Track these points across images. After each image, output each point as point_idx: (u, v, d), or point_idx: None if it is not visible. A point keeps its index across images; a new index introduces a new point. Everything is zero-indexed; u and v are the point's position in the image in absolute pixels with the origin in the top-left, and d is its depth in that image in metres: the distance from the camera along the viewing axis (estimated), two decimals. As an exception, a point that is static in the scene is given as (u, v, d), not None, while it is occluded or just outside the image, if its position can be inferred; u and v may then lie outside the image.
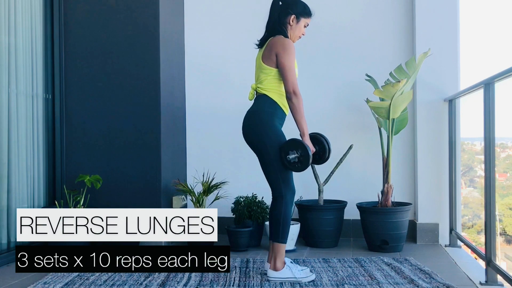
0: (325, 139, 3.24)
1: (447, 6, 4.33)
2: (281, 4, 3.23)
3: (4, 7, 3.73)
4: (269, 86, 3.14)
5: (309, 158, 3.03)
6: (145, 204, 4.11)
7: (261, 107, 3.14)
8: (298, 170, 3.08)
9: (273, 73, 3.13)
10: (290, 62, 3.08)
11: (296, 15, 3.22)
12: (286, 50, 3.09)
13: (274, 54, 3.11)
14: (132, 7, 4.17)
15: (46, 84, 4.18)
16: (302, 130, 3.12)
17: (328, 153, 3.22)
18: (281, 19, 3.21)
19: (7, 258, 3.62)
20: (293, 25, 3.23)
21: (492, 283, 3.05)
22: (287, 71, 3.07)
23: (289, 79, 3.07)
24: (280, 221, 3.10)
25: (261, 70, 3.17)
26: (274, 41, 3.15)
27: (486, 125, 3.10)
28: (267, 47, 3.17)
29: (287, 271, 3.10)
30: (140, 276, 3.22)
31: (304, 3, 3.27)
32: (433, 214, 4.31)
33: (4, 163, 3.71)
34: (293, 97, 3.08)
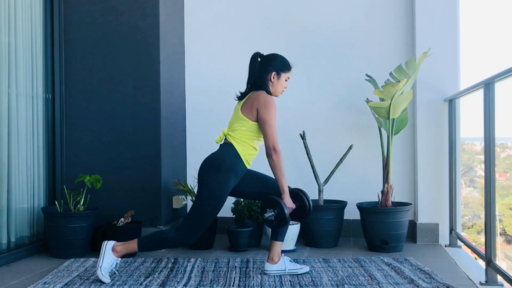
0: (305, 195, 3.20)
1: (447, 6, 4.33)
2: (260, 60, 3.24)
3: (4, 7, 3.73)
4: (239, 136, 3.14)
5: (285, 217, 3.04)
6: (145, 204, 4.11)
7: (224, 157, 3.12)
8: (275, 228, 3.13)
9: (249, 125, 3.13)
10: (271, 118, 3.09)
11: (277, 72, 3.22)
12: (268, 106, 3.09)
13: (255, 109, 3.12)
14: (132, 8, 4.18)
15: (46, 84, 4.18)
16: (282, 188, 3.11)
17: (308, 209, 3.18)
18: (261, 75, 3.21)
19: (7, 258, 3.62)
20: (274, 82, 3.23)
21: (492, 283, 3.05)
22: (268, 127, 3.08)
23: (270, 135, 3.08)
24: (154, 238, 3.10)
25: (238, 119, 3.17)
26: (257, 95, 3.15)
27: (486, 125, 3.10)
28: (248, 99, 3.17)
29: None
30: (140, 276, 3.22)
31: (283, 58, 3.27)
32: (433, 214, 4.31)
33: (4, 163, 3.71)
34: (273, 154, 3.08)
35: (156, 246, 3.16)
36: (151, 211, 4.11)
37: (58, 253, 3.79)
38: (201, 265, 3.49)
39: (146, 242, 3.12)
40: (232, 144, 3.14)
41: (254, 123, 3.13)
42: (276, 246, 3.25)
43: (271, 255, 3.25)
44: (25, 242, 3.90)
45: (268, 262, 3.26)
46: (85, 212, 3.84)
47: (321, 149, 4.48)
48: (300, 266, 3.28)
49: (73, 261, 3.63)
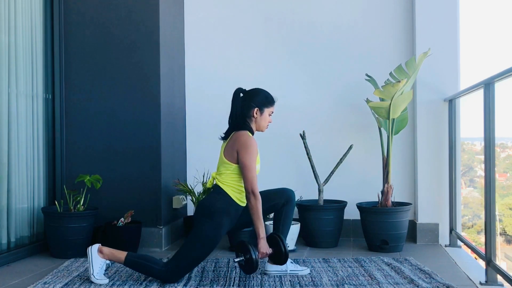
0: (282, 240, 3.14)
1: (447, 6, 4.33)
2: (242, 95, 3.21)
3: (4, 7, 3.73)
4: (227, 180, 3.13)
5: (253, 265, 3.02)
6: (145, 204, 4.11)
7: (215, 202, 3.09)
8: (246, 272, 3.13)
9: (232, 168, 3.12)
10: (250, 161, 3.05)
11: (259, 107, 3.19)
12: (247, 148, 3.07)
13: (236, 151, 3.10)
14: (132, 8, 4.18)
15: (46, 84, 4.18)
16: (258, 233, 3.08)
17: (284, 255, 3.11)
18: (243, 112, 3.19)
19: (7, 258, 3.62)
20: (258, 117, 3.21)
21: (492, 283, 3.05)
22: (247, 171, 3.05)
23: (249, 179, 3.05)
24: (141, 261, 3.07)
25: (222, 163, 3.17)
26: (236, 137, 3.14)
27: (486, 125, 3.10)
28: (229, 141, 3.16)
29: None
30: (140, 276, 3.22)
31: (266, 93, 3.24)
32: (433, 214, 4.31)
33: (4, 163, 3.71)
34: (251, 197, 3.05)
35: (140, 269, 3.09)
36: (151, 211, 4.11)
37: (58, 253, 3.79)
38: (201, 265, 3.49)
39: (133, 260, 3.07)
40: (222, 188, 3.12)
41: (237, 165, 3.11)
42: None
43: None
44: (25, 242, 3.90)
45: (268, 262, 3.25)
46: (85, 212, 3.84)
47: (321, 149, 4.48)
48: (301, 267, 3.28)
49: (73, 261, 3.63)
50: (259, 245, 3.07)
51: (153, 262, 3.08)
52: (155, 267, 3.05)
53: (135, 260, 3.08)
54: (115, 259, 3.10)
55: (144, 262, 3.07)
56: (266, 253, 3.10)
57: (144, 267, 3.07)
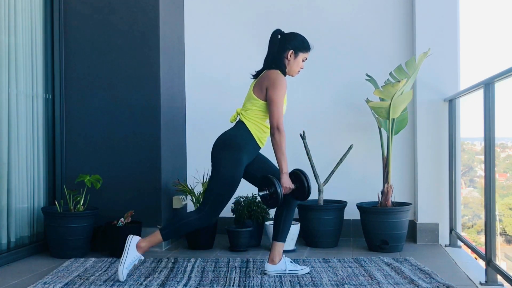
0: (305, 176, 3.16)
1: (447, 6, 4.33)
2: (280, 37, 3.23)
3: (4, 7, 3.73)
4: (251, 116, 3.15)
5: (278, 198, 3.02)
6: (145, 204, 4.11)
7: (236, 135, 3.14)
8: (269, 206, 3.13)
9: (259, 104, 3.13)
10: (278, 98, 3.07)
11: (294, 50, 3.21)
12: (277, 85, 3.08)
13: (265, 87, 3.11)
14: (132, 8, 4.17)
15: (46, 84, 4.18)
16: (281, 168, 3.10)
17: (307, 191, 3.14)
18: (279, 53, 3.21)
19: (7, 258, 3.62)
20: (291, 60, 3.22)
21: (492, 283, 3.05)
22: (274, 106, 3.06)
23: (275, 114, 3.06)
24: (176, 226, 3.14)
25: (249, 99, 3.18)
26: (268, 74, 3.16)
27: (486, 125, 3.10)
28: (260, 78, 3.18)
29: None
30: (140, 276, 3.22)
31: (303, 38, 3.26)
32: (433, 214, 4.31)
33: (4, 163, 3.71)
34: (276, 133, 3.06)
35: (181, 232, 3.16)
36: (151, 211, 4.11)
37: (58, 253, 3.79)
38: (201, 265, 3.49)
39: (169, 231, 3.13)
40: (245, 123, 3.14)
41: (265, 102, 3.12)
42: (278, 247, 3.25)
43: (272, 256, 3.25)
44: (25, 242, 3.90)
45: (268, 262, 3.26)
46: (85, 212, 3.84)
47: (321, 149, 4.48)
48: (300, 267, 3.28)
49: (73, 261, 3.63)
50: (282, 179, 3.08)
51: (185, 217, 3.14)
52: (190, 219, 3.11)
53: (171, 230, 3.14)
54: (154, 244, 3.14)
55: (179, 223, 3.14)
56: (290, 188, 3.11)
57: (182, 227, 3.13)
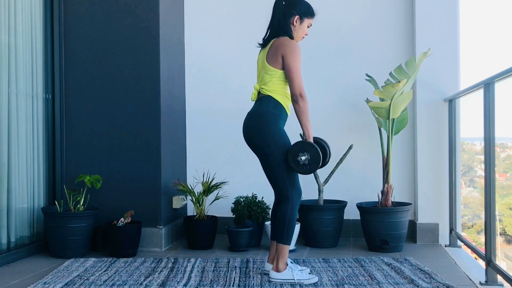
0: (326, 143, 3.24)
1: (447, 6, 4.33)
2: (284, 4, 3.19)
3: (4, 7, 3.73)
4: (274, 87, 3.11)
5: (319, 161, 3.03)
6: (145, 204, 4.11)
7: (265, 108, 3.10)
8: (306, 172, 3.07)
9: (278, 74, 3.10)
10: (297, 65, 3.06)
11: (300, 16, 3.19)
12: (293, 52, 3.06)
13: (280, 56, 3.08)
14: (132, 7, 4.17)
15: (46, 84, 4.18)
16: (308, 133, 3.09)
17: (329, 157, 3.23)
18: (285, 19, 3.17)
19: (7, 258, 3.62)
20: (297, 26, 3.19)
21: (492, 283, 3.05)
22: (294, 74, 3.05)
23: (296, 82, 3.05)
24: (286, 222, 3.07)
25: (266, 71, 3.13)
26: (280, 42, 3.11)
27: (486, 125, 3.10)
28: (271, 48, 3.13)
29: (289, 272, 3.08)
30: (140, 276, 3.22)
31: (308, 3, 3.24)
32: (433, 214, 4.31)
33: (4, 163, 3.71)
34: (300, 100, 3.05)
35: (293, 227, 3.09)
36: (151, 211, 4.11)
37: (58, 253, 3.79)
38: (201, 265, 3.49)
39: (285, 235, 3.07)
40: (271, 95, 3.11)
41: (283, 71, 3.10)
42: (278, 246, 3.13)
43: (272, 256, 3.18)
44: (25, 242, 3.90)
45: (269, 262, 3.21)
46: (85, 212, 3.84)
47: (321, 149, 4.47)
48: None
49: (73, 261, 3.63)
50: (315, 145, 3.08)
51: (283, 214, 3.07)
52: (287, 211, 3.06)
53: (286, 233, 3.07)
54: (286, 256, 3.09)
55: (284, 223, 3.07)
56: None
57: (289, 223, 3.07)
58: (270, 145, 3.05)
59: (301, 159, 3.03)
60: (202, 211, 4.14)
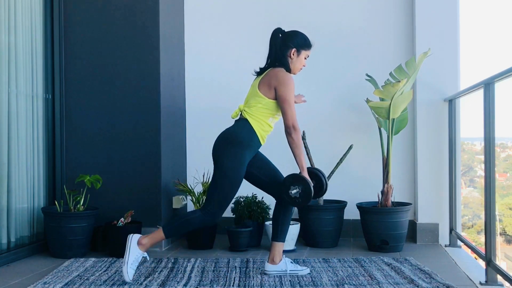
0: (322, 174, 3.24)
1: (447, 6, 4.33)
2: (281, 36, 3.22)
3: (4, 7, 3.73)
4: (255, 113, 3.13)
5: (310, 194, 3.04)
6: (145, 204, 4.11)
7: (239, 131, 3.12)
8: (299, 205, 3.11)
9: (265, 102, 3.11)
10: (290, 97, 3.07)
11: (297, 48, 3.20)
12: (287, 84, 3.07)
13: (273, 86, 3.09)
14: (132, 7, 4.18)
15: (46, 84, 4.18)
16: (302, 165, 3.11)
17: (325, 188, 3.21)
18: (282, 51, 3.19)
19: (7, 258, 3.62)
20: (294, 58, 3.21)
21: (492, 283, 3.05)
22: (287, 106, 3.06)
23: (289, 114, 3.06)
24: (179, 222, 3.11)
25: (254, 96, 3.16)
26: (275, 73, 3.13)
27: (486, 125, 3.10)
28: (266, 76, 3.15)
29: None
30: (140, 276, 3.22)
31: (304, 35, 3.25)
32: (433, 214, 4.31)
33: (4, 163, 3.71)
34: (293, 132, 3.07)
35: (183, 230, 3.15)
36: (151, 211, 4.11)
37: (58, 253, 3.79)
38: (201, 265, 3.49)
39: (172, 227, 3.12)
40: (248, 120, 3.12)
41: (271, 100, 3.11)
42: (277, 247, 3.25)
43: (272, 256, 3.25)
44: (25, 242, 3.90)
45: (268, 262, 3.25)
46: (85, 212, 3.84)
47: (321, 149, 4.48)
48: (301, 267, 3.28)
49: (73, 261, 3.63)
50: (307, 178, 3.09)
51: (189, 215, 3.12)
52: (195, 216, 3.09)
53: (174, 226, 3.12)
54: (156, 241, 3.11)
55: (182, 220, 3.12)
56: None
57: (185, 224, 3.11)
58: (223, 163, 3.07)
59: (291, 192, 3.07)
60: (202, 211, 4.14)
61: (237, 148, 3.07)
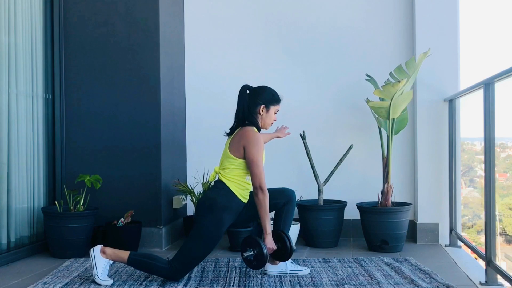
0: (288, 237, 3.16)
1: (447, 6, 4.33)
2: (249, 93, 3.21)
3: (4, 7, 3.73)
4: (230, 175, 3.12)
5: (264, 258, 3.01)
6: (145, 204, 4.11)
7: (217, 196, 3.08)
8: (254, 268, 3.10)
9: (237, 163, 3.11)
10: (257, 157, 3.05)
11: (266, 104, 3.19)
12: (254, 144, 3.06)
13: (242, 146, 3.09)
14: (132, 8, 4.18)
15: (46, 84, 4.18)
16: (265, 228, 3.09)
17: (290, 250, 3.14)
18: (250, 108, 3.18)
19: (7, 258, 3.62)
20: (264, 114, 3.20)
21: (492, 283, 3.05)
22: (255, 166, 3.04)
23: (256, 174, 3.04)
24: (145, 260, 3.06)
25: (226, 157, 3.16)
26: (242, 132, 3.13)
27: (486, 125, 3.10)
28: (235, 137, 3.15)
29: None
30: (140, 276, 3.22)
31: (272, 91, 3.24)
32: (433, 214, 4.31)
33: (4, 163, 3.71)
34: (259, 193, 3.04)
35: (145, 268, 3.09)
36: (151, 211, 4.11)
37: (58, 253, 3.79)
38: (201, 265, 3.49)
39: (137, 259, 3.06)
40: (225, 183, 3.11)
41: (242, 160, 3.10)
42: None
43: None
44: (25, 242, 3.90)
45: (269, 262, 3.25)
46: (85, 212, 3.84)
47: (321, 149, 4.48)
48: (301, 267, 3.28)
49: (73, 261, 3.63)
50: (266, 240, 3.08)
51: (156, 260, 3.08)
52: (158, 264, 3.05)
53: (139, 259, 3.07)
54: (118, 259, 3.09)
55: (148, 260, 3.07)
56: (272, 249, 3.11)
57: (147, 265, 3.06)
58: (201, 230, 3.03)
59: (246, 254, 3.07)
60: (202, 211, 4.14)
61: (216, 214, 3.04)
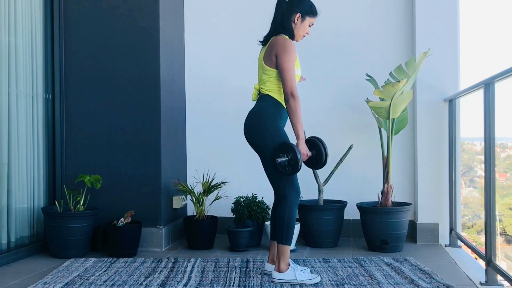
0: (322, 143, 3.16)
1: (447, 6, 4.33)
2: (287, 1, 3.18)
3: (4, 7, 3.73)
4: (272, 87, 3.11)
5: (298, 162, 2.96)
6: (145, 204, 4.11)
7: (264, 107, 3.10)
8: (288, 173, 3.04)
9: (275, 74, 3.09)
10: (289, 63, 3.03)
11: (302, 14, 3.16)
12: (286, 51, 3.04)
13: (274, 55, 3.07)
14: (132, 8, 4.17)
15: (46, 84, 4.18)
16: (298, 134, 3.06)
17: (325, 157, 3.14)
18: (286, 16, 3.16)
19: (7, 258, 3.62)
20: (298, 24, 3.17)
21: (492, 283, 3.05)
22: (286, 73, 3.02)
23: (288, 81, 3.02)
24: (284, 222, 3.06)
25: (263, 71, 3.14)
26: (275, 41, 3.10)
27: (486, 125, 3.10)
28: (268, 47, 3.13)
29: (291, 273, 3.06)
30: (140, 276, 3.22)
31: (311, 2, 3.22)
32: (433, 214, 4.30)
33: (4, 163, 3.71)
34: (291, 99, 3.02)
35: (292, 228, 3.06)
36: (151, 211, 4.11)
37: (58, 253, 3.79)
38: (201, 265, 3.49)
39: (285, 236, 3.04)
40: (269, 95, 3.10)
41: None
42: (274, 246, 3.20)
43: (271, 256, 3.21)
44: (25, 242, 3.90)
45: (268, 262, 3.23)
46: (85, 212, 3.84)
47: (321, 149, 4.47)
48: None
49: (73, 261, 3.63)
50: (300, 146, 3.04)
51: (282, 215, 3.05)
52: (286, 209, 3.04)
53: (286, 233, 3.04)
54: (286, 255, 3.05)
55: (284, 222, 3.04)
56: (307, 155, 3.08)
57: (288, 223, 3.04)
58: (268, 144, 3.05)
59: (279, 160, 2.99)
60: (202, 211, 4.14)
61: (269, 126, 3.05)
